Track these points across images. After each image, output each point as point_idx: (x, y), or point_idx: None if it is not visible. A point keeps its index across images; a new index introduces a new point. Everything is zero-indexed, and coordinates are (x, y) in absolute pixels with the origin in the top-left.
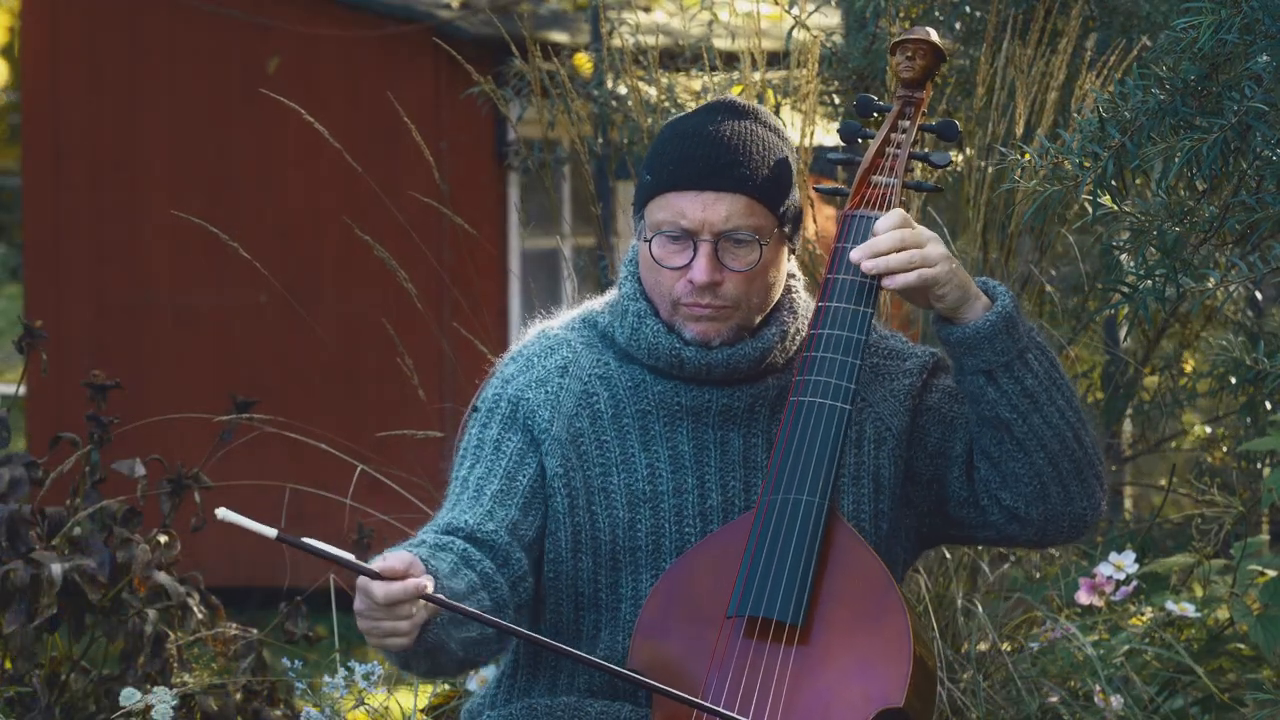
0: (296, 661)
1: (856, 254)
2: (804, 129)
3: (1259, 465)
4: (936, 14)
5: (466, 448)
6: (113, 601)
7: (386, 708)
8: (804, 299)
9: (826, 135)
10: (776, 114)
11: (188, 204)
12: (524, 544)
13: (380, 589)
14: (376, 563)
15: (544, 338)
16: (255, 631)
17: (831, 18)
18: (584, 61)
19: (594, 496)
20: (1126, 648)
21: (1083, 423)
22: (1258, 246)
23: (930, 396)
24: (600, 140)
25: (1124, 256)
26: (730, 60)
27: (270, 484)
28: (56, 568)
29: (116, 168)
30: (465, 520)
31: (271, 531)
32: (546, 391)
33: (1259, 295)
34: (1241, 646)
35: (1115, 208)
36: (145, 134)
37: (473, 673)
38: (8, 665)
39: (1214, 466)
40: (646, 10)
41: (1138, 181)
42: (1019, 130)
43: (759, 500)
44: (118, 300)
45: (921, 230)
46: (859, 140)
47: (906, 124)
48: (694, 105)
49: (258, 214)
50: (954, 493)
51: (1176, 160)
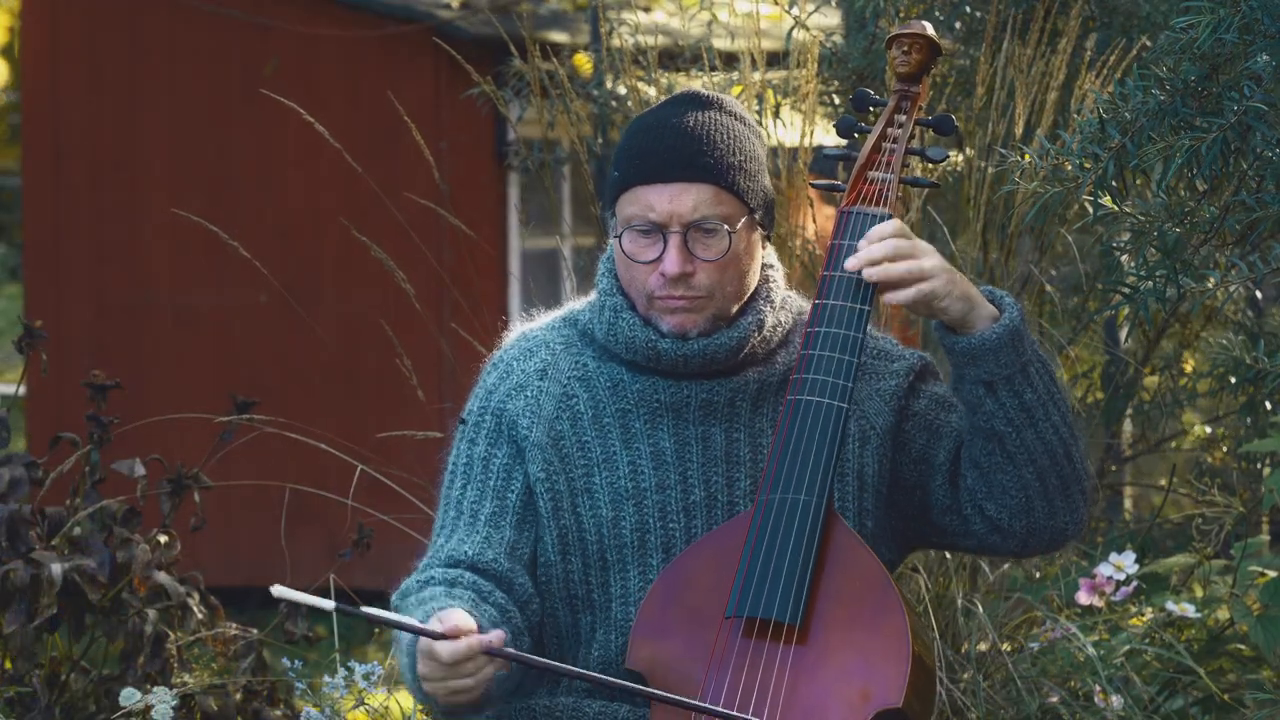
0: (296, 661)
1: (852, 263)
2: (804, 129)
3: (1259, 465)
4: (936, 14)
5: (456, 465)
6: (113, 601)
7: (386, 708)
8: (782, 288)
9: (826, 135)
10: (776, 114)
11: (188, 204)
12: (524, 564)
13: (445, 649)
14: (433, 624)
15: (523, 340)
16: (255, 631)
17: (831, 18)
18: (584, 61)
19: (578, 497)
20: (1127, 648)
21: (1074, 438)
22: (1258, 246)
23: (917, 402)
24: (600, 140)
25: (1124, 257)
26: (730, 60)
27: (270, 484)
28: (56, 568)
29: (116, 168)
30: (465, 551)
31: (329, 604)
32: (526, 397)
33: (1259, 295)
34: (1242, 647)
35: (1115, 208)
36: (145, 134)
37: None
38: (8, 665)
39: (1214, 466)
40: (646, 10)
41: (1138, 182)
42: (1019, 130)
43: (757, 499)
44: (118, 300)
45: (919, 242)
46: (855, 135)
47: (903, 119)
48: None
49: (258, 214)
50: (937, 500)
51: (1176, 160)
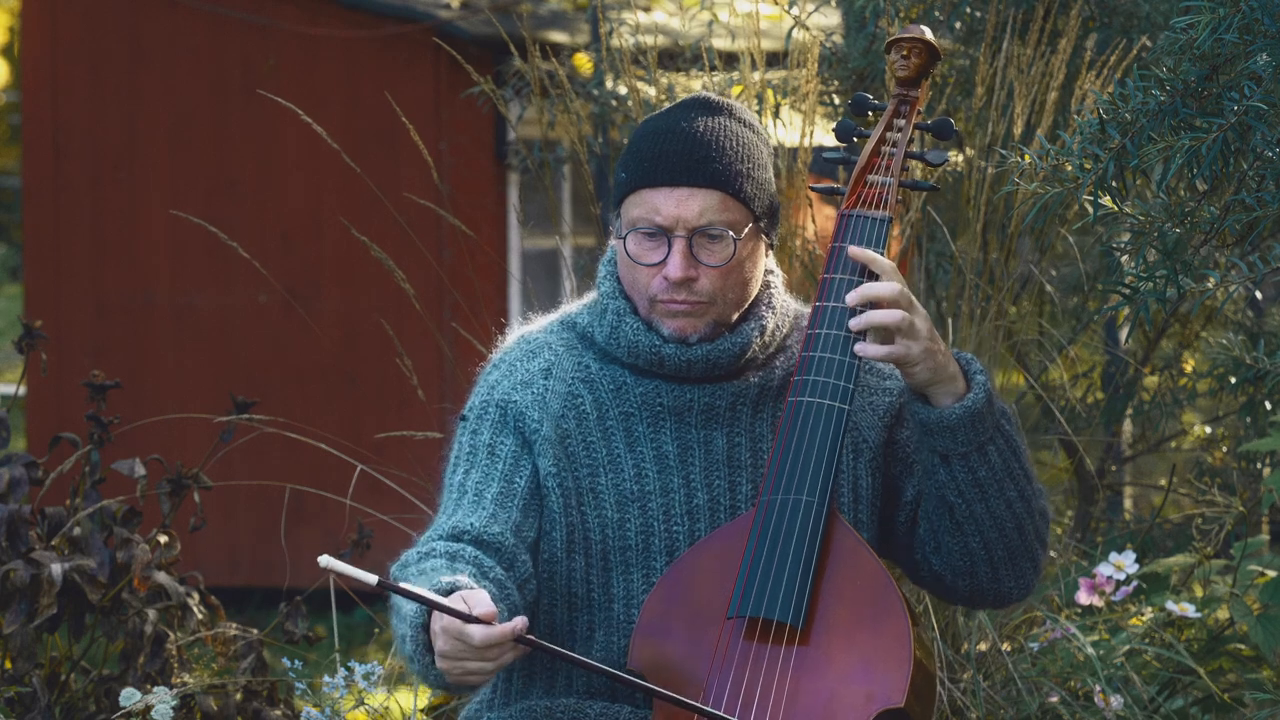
0: (296, 661)
1: (853, 297)
2: (803, 129)
3: (1259, 465)
4: (936, 14)
5: (458, 455)
6: (113, 601)
7: (386, 708)
8: (782, 295)
9: (826, 135)
10: (776, 114)
11: (188, 204)
12: (527, 546)
13: (479, 632)
14: (456, 602)
15: (524, 342)
16: (255, 631)
17: (831, 18)
18: (584, 61)
19: (584, 497)
20: (1127, 648)
21: (1029, 513)
22: (1258, 246)
23: (901, 432)
24: (600, 140)
25: (1124, 257)
26: (730, 60)
27: (270, 484)
28: (56, 568)
29: (116, 168)
30: (470, 523)
31: (372, 578)
32: (533, 393)
33: (1259, 295)
34: (1241, 647)
35: (1115, 209)
36: (145, 134)
37: None
38: (8, 665)
39: (1214, 466)
40: (646, 10)
41: (1138, 182)
42: (1019, 130)
43: (758, 500)
44: (118, 300)
45: (918, 305)
46: (855, 139)
47: (902, 123)
48: None
49: (258, 214)
50: (897, 534)
51: (1176, 161)
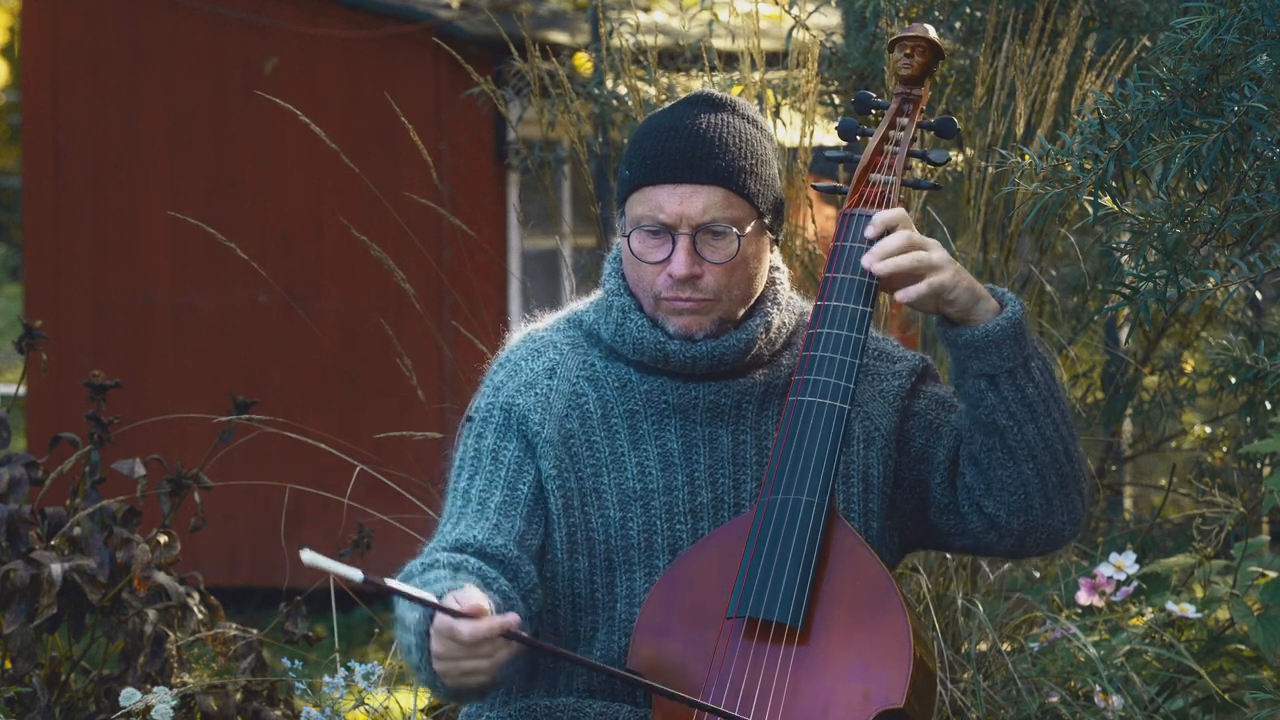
0: (296, 661)
1: (868, 260)
2: (804, 129)
3: (1259, 466)
4: (936, 14)
5: (463, 459)
6: (113, 601)
7: (386, 708)
8: (788, 291)
9: (826, 135)
10: (776, 114)
11: (188, 204)
12: (531, 554)
13: (467, 628)
14: (448, 602)
15: (530, 341)
16: (255, 631)
17: (831, 18)
18: (584, 61)
19: (586, 497)
20: (1127, 648)
21: (1074, 437)
22: (1258, 246)
23: (918, 402)
24: (600, 140)
25: (1124, 258)
26: (730, 60)
27: (270, 484)
28: (56, 568)
29: (116, 168)
30: (474, 535)
31: (357, 574)
32: (536, 394)
33: (1259, 295)
34: (1242, 647)
35: (1116, 209)
36: (145, 134)
37: None
38: (8, 665)
39: (1214, 467)
40: (646, 10)
41: (1138, 182)
42: (1019, 130)
43: (758, 500)
44: (118, 300)
45: (926, 238)
46: (857, 138)
47: (905, 121)
48: None
49: (258, 214)
50: (935, 498)
51: (1177, 161)
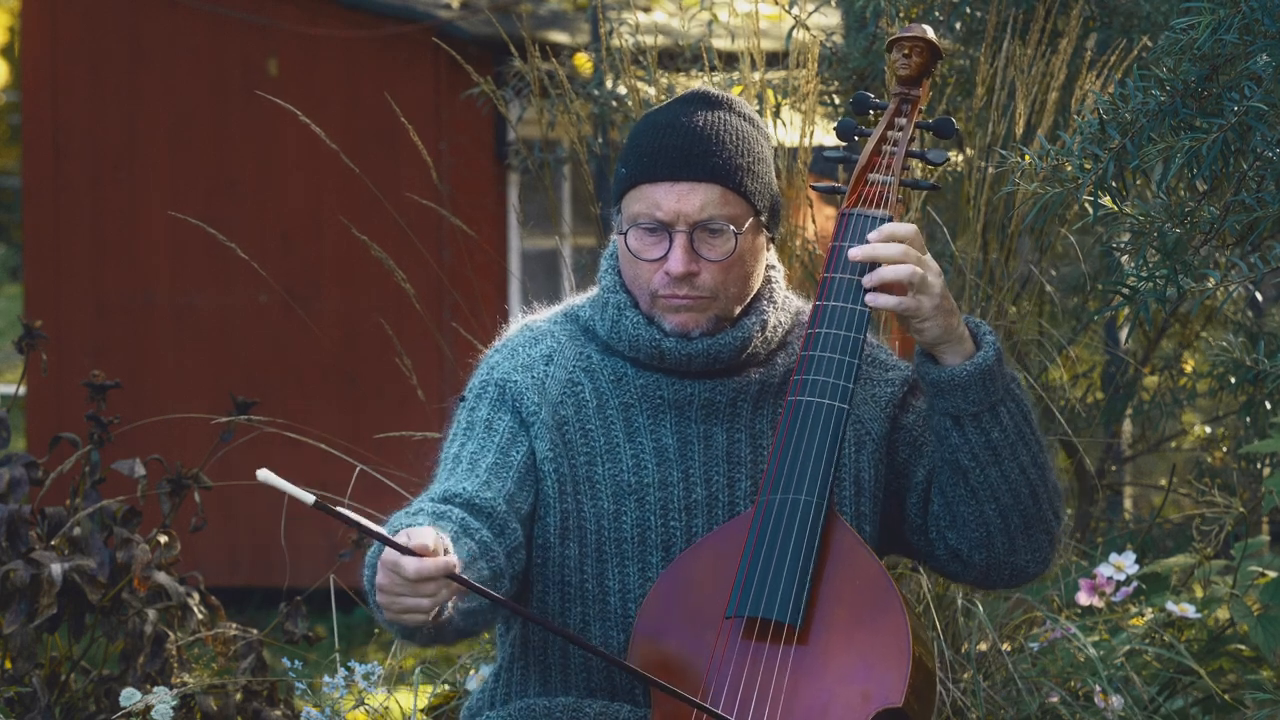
0: (296, 661)
1: (855, 253)
2: (803, 129)
3: (1259, 466)
4: (936, 14)
5: (455, 430)
6: (113, 601)
7: (386, 708)
8: (784, 290)
9: (826, 135)
10: (776, 114)
11: (188, 204)
12: (519, 516)
13: (412, 565)
14: (400, 538)
15: (528, 330)
16: (255, 631)
17: (831, 18)
18: (584, 61)
19: (580, 486)
20: (1127, 648)
21: (1044, 481)
22: (1258, 246)
23: (906, 416)
24: (600, 140)
25: (1124, 258)
26: (730, 60)
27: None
28: (56, 568)
29: (116, 168)
30: (463, 488)
31: (310, 497)
32: (533, 376)
33: (1259, 295)
34: (1242, 647)
35: (1115, 209)
36: (145, 134)
37: (472, 672)
38: (8, 665)
39: (1214, 467)
40: (646, 10)
41: (1138, 182)
42: (1019, 130)
43: (758, 500)
44: (118, 300)
45: (928, 257)
46: (856, 138)
47: (903, 121)
48: None
49: (258, 214)
50: (909, 517)
51: (1176, 161)
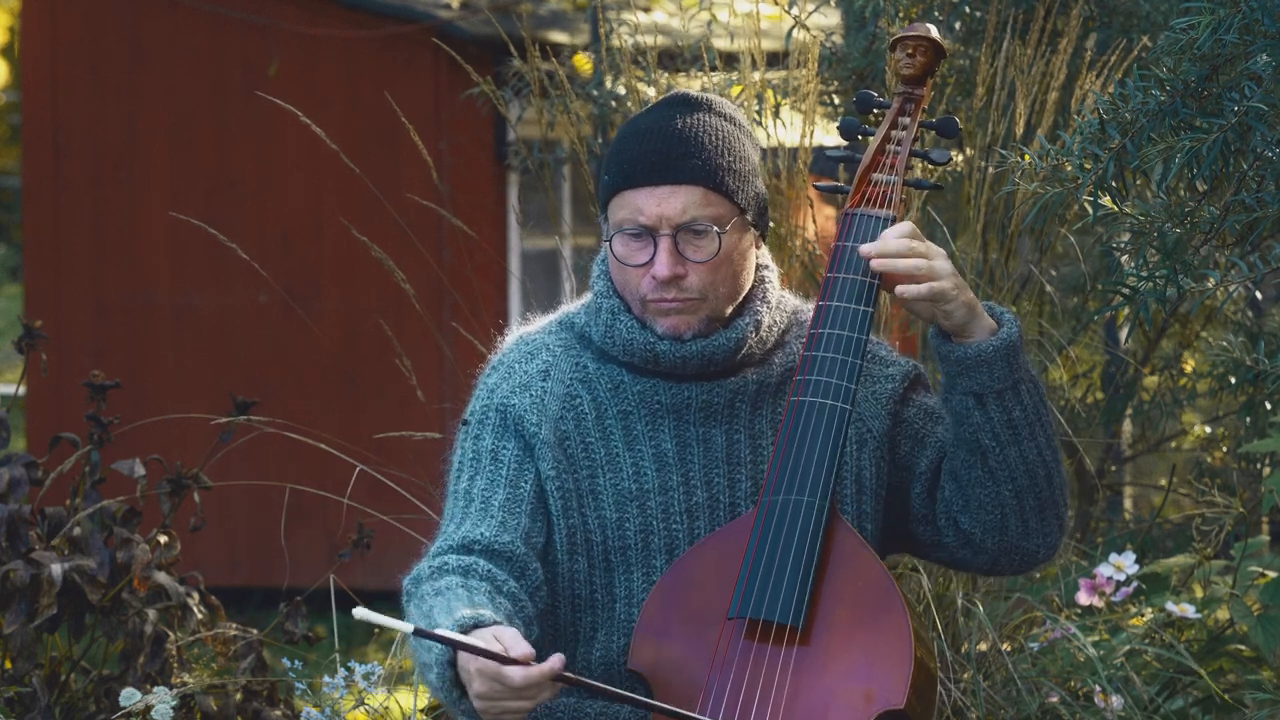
0: (296, 661)
1: (866, 248)
2: (804, 129)
3: (1259, 466)
4: (936, 14)
5: (462, 461)
6: (113, 601)
7: (386, 708)
8: (778, 289)
9: (826, 135)
10: (776, 114)
11: (188, 204)
12: (537, 552)
13: (520, 675)
14: (488, 641)
15: (522, 344)
16: (255, 631)
17: (831, 18)
18: (584, 61)
19: (584, 498)
20: (1127, 648)
21: (1057, 464)
22: (1258, 246)
23: (907, 410)
24: (600, 140)
25: (1124, 258)
26: (730, 60)
27: (270, 484)
28: (56, 568)
29: (116, 168)
30: (481, 533)
31: (408, 627)
32: (531, 395)
33: (1259, 295)
34: (1242, 647)
35: (1115, 209)
36: (145, 134)
37: None
38: (8, 665)
39: (1214, 467)
40: (646, 10)
41: (1138, 182)
42: (1019, 130)
43: (759, 501)
44: (118, 300)
45: (931, 245)
46: (859, 137)
47: (907, 121)
48: None
49: (258, 214)
50: (914, 509)
51: (1176, 161)
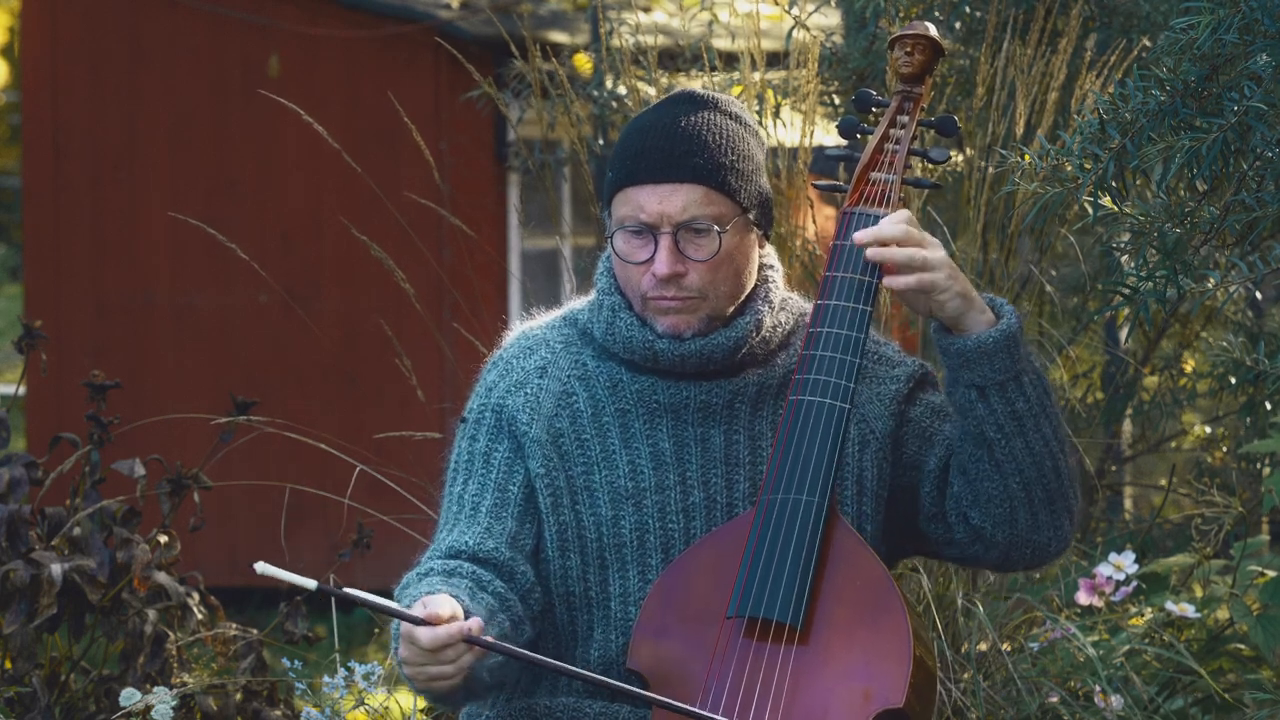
0: (296, 661)
1: (861, 235)
2: (804, 129)
3: (1259, 466)
4: (936, 14)
5: (458, 462)
6: (113, 601)
7: (386, 708)
8: (782, 290)
9: (826, 135)
10: (776, 114)
11: (188, 204)
12: (526, 555)
13: (426, 635)
14: (417, 609)
15: (524, 339)
16: (255, 631)
17: (831, 18)
18: (584, 61)
19: (577, 495)
20: (1126, 648)
21: (1064, 454)
22: (1258, 246)
23: (914, 409)
24: (600, 140)
25: (1124, 258)
26: (730, 60)
27: (270, 484)
28: (56, 568)
29: (116, 168)
30: (466, 541)
31: (311, 583)
32: (525, 394)
33: (1259, 295)
34: (1241, 647)
35: (1115, 209)
36: (145, 134)
37: None
38: (8, 665)
39: (1214, 467)
40: (646, 10)
41: (1138, 182)
42: (1019, 130)
43: (758, 500)
44: (118, 300)
45: (927, 235)
46: (858, 136)
47: (905, 119)
48: None
49: (258, 214)
50: (924, 506)
51: (1176, 161)
